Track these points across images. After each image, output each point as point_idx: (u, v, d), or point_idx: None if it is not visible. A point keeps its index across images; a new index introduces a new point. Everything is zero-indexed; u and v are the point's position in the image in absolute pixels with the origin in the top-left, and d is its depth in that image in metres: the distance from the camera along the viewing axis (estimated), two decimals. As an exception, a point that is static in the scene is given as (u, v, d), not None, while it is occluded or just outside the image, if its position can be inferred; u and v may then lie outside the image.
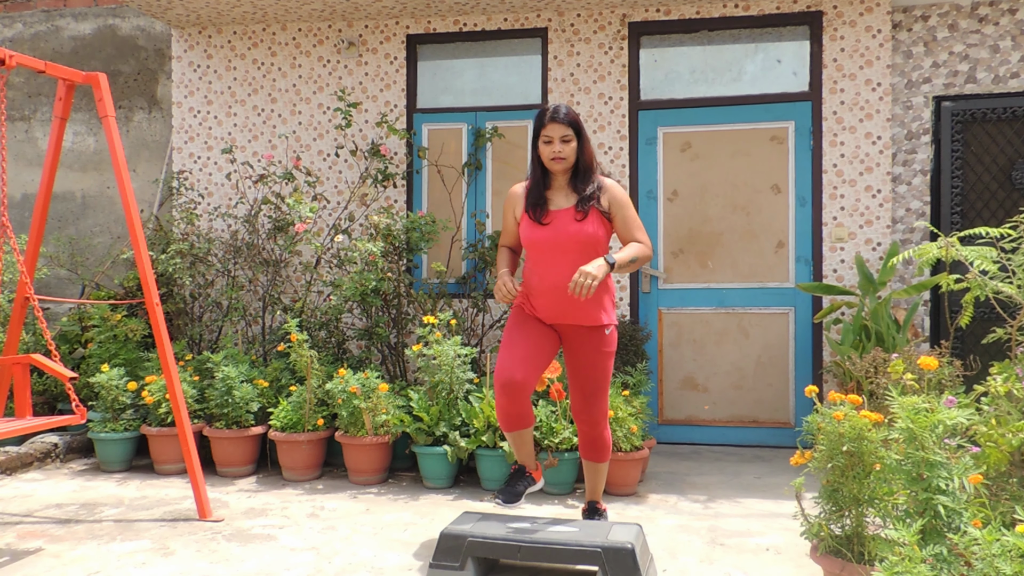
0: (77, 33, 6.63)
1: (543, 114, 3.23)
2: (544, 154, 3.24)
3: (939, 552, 2.01)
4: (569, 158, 3.22)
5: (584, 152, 3.25)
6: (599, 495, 3.50)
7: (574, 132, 3.21)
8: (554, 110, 3.20)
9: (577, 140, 3.22)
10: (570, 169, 3.27)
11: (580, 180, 3.26)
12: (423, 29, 5.78)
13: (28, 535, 3.54)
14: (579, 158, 3.25)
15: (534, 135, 3.27)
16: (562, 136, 3.19)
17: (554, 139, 3.20)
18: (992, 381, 2.60)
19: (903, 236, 5.35)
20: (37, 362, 3.46)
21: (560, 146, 3.20)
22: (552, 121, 3.19)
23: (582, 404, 3.31)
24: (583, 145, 3.24)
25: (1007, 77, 5.22)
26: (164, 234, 5.61)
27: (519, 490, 3.34)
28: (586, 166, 3.26)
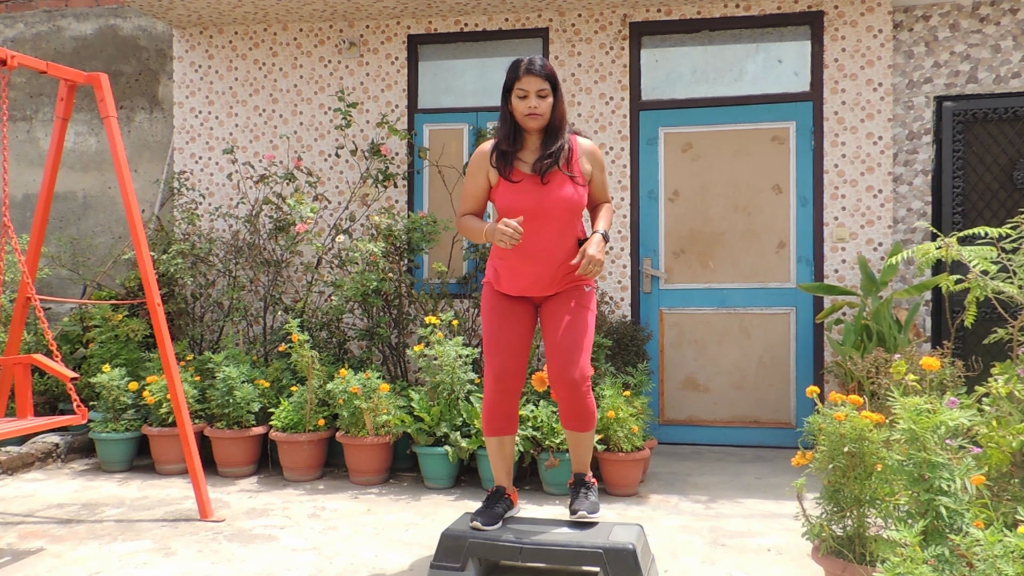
0: (79, 33, 6.63)
1: (517, 65, 2.98)
2: (518, 109, 2.99)
3: (941, 553, 2.01)
4: (545, 114, 2.99)
5: (558, 109, 3.02)
6: (587, 466, 3.20)
7: (551, 86, 2.98)
8: (529, 61, 2.97)
9: (553, 95, 2.99)
10: (543, 128, 3.05)
11: (551, 138, 3.03)
12: (424, 29, 5.78)
13: (29, 535, 3.54)
14: (552, 115, 3.02)
15: (505, 89, 3.02)
16: (538, 90, 2.96)
17: (530, 93, 2.96)
18: (993, 382, 2.60)
19: (904, 236, 5.34)
20: (38, 362, 3.46)
21: (536, 101, 2.96)
22: (528, 73, 2.95)
23: (560, 364, 3.01)
24: (558, 102, 3.01)
25: (1008, 77, 5.21)
26: (165, 234, 5.61)
27: (498, 512, 3.09)
28: (557, 124, 3.04)
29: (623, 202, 5.56)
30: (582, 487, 3.19)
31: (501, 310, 3.14)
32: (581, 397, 3.05)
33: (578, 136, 3.14)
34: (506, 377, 3.07)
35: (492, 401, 3.11)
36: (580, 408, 3.07)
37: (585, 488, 3.19)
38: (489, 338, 3.12)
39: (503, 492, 3.19)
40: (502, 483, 3.22)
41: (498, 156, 3.05)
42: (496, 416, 3.13)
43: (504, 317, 3.13)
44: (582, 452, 3.20)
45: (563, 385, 3.04)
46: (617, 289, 5.55)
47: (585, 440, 3.17)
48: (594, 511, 3.06)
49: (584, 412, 3.08)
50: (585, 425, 3.12)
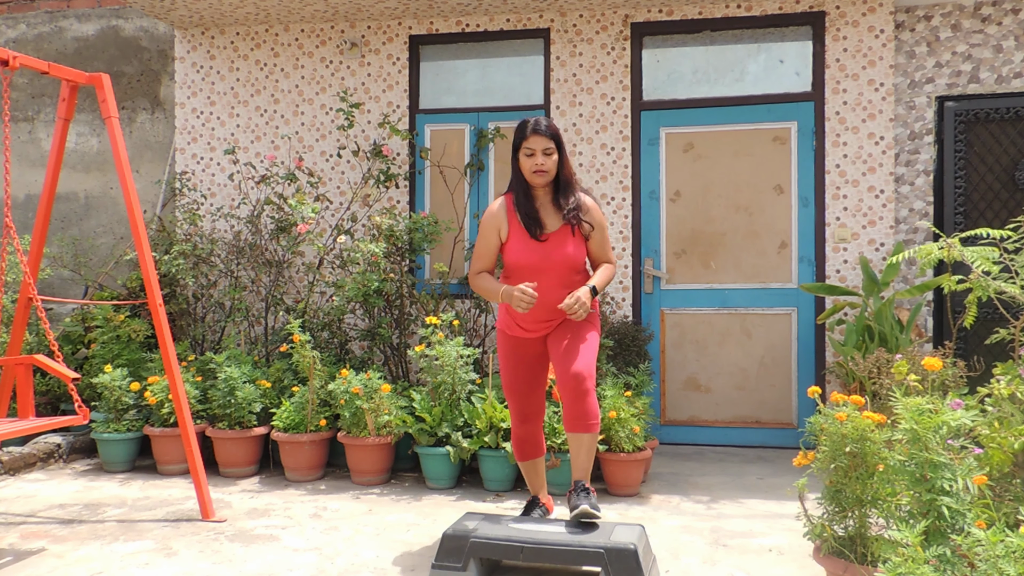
0: (80, 34, 6.64)
1: (524, 127, 3.23)
2: (525, 167, 3.23)
3: (943, 553, 2.01)
4: (551, 171, 3.23)
5: (564, 166, 3.26)
6: (587, 474, 3.18)
7: (555, 145, 3.22)
8: (535, 123, 3.21)
9: (558, 152, 3.23)
10: (551, 183, 3.28)
11: (563, 195, 3.27)
12: (426, 30, 5.79)
13: (31, 535, 3.54)
14: (560, 171, 3.26)
15: (514, 148, 3.27)
16: (544, 149, 3.20)
17: (536, 152, 3.20)
18: (995, 383, 2.59)
19: (906, 236, 5.34)
20: (40, 363, 3.46)
21: (542, 159, 3.20)
22: (534, 134, 3.20)
23: (565, 364, 3.16)
24: (563, 158, 3.25)
25: (1010, 77, 5.21)
26: (167, 235, 5.62)
27: (535, 518, 3.28)
28: (567, 180, 3.28)
29: (624, 202, 5.56)
30: (582, 491, 3.14)
31: (516, 355, 3.39)
32: (584, 394, 3.10)
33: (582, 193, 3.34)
34: (528, 418, 3.43)
35: (519, 436, 3.45)
36: (582, 406, 3.10)
37: (584, 492, 3.13)
38: (508, 383, 3.42)
39: (538, 501, 3.48)
40: (537, 492, 3.53)
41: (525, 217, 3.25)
42: (525, 448, 3.47)
43: (519, 361, 3.39)
44: (583, 458, 3.17)
45: (567, 380, 3.13)
46: (618, 289, 5.55)
47: (587, 444, 3.15)
48: (596, 508, 3.02)
49: (586, 411, 3.11)
50: (587, 426, 3.13)
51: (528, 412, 3.41)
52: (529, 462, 3.49)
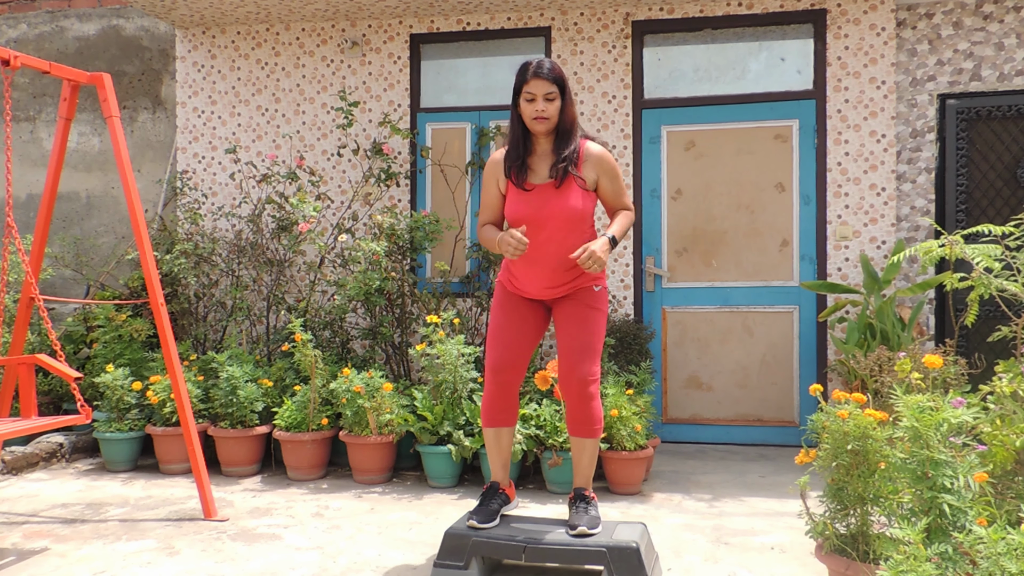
0: (81, 34, 6.64)
1: (525, 68, 2.99)
2: (526, 113, 3.00)
3: (944, 551, 2.01)
4: (553, 118, 3.00)
5: (566, 112, 3.02)
6: (589, 480, 3.11)
7: (559, 89, 2.99)
8: (537, 64, 2.97)
9: (561, 98, 3.00)
10: (553, 131, 3.05)
11: (561, 143, 3.04)
12: (426, 28, 5.79)
13: (34, 535, 3.55)
14: (561, 118, 3.03)
15: (514, 93, 3.03)
16: (546, 93, 2.97)
17: (537, 96, 2.97)
18: (997, 380, 2.59)
19: (908, 234, 5.34)
20: (42, 362, 3.47)
21: (543, 104, 2.97)
22: (536, 76, 2.96)
23: (570, 363, 3.02)
24: (566, 104, 3.02)
25: (1012, 75, 5.20)
26: (168, 234, 5.62)
27: (494, 508, 3.08)
28: (566, 127, 3.04)
29: (626, 201, 5.55)
30: (582, 501, 3.06)
31: (509, 306, 3.18)
32: (588, 399, 3.03)
33: (588, 141, 3.12)
34: (504, 369, 3.10)
35: (491, 393, 3.13)
36: (586, 411, 3.05)
37: (585, 503, 3.06)
38: (492, 331, 3.16)
39: (498, 487, 3.18)
40: (498, 478, 3.20)
41: (510, 166, 3.06)
42: (495, 408, 3.14)
43: (510, 313, 3.17)
44: (585, 464, 3.11)
45: (571, 384, 3.04)
46: (620, 288, 5.55)
47: (589, 449, 3.10)
48: (594, 527, 2.93)
49: (590, 416, 3.06)
50: (590, 431, 3.07)
51: (507, 361, 3.10)
52: (494, 431, 3.16)
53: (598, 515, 3.04)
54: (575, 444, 3.12)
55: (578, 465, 3.13)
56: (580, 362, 3.03)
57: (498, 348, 3.12)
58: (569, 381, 3.04)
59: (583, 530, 2.91)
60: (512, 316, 3.16)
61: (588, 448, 3.10)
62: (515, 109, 3.05)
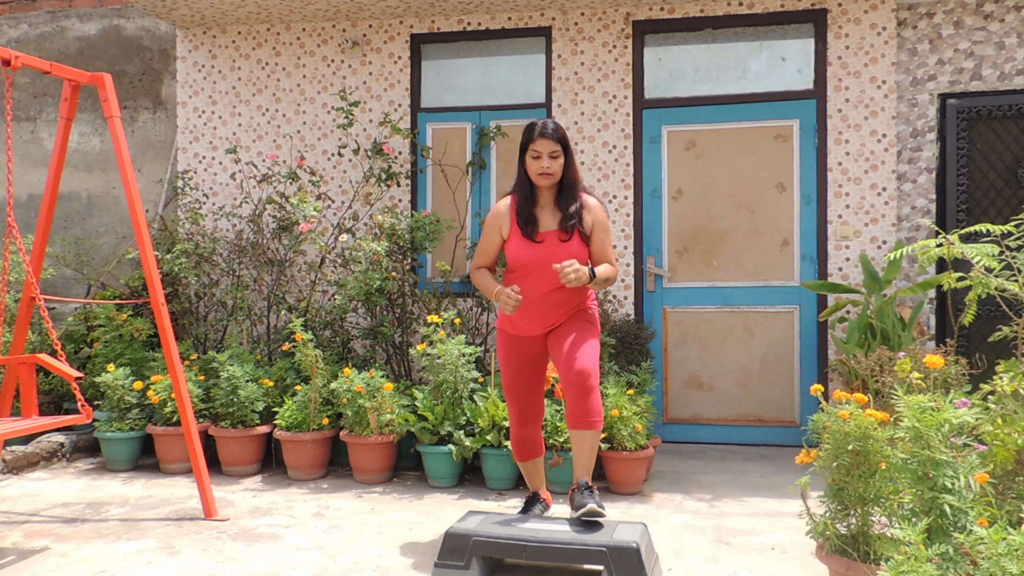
0: (82, 34, 6.64)
1: (532, 129, 3.26)
2: (532, 169, 3.28)
3: (945, 551, 2.01)
4: (556, 174, 3.27)
5: (570, 168, 3.30)
6: (589, 472, 3.17)
7: (562, 148, 3.25)
8: (543, 126, 3.24)
9: (564, 156, 3.27)
10: (556, 185, 3.32)
11: (565, 197, 3.31)
12: (427, 28, 5.79)
13: (35, 534, 3.55)
14: (565, 174, 3.30)
15: (521, 149, 3.31)
16: (550, 152, 3.24)
17: (542, 155, 3.24)
18: (998, 380, 2.59)
19: (908, 234, 5.33)
20: (43, 362, 3.47)
21: (548, 162, 3.24)
22: (541, 137, 3.23)
23: (570, 360, 3.17)
24: (569, 161, 3.29)
25: (1013, 74, 5.20)
26: (169, 234, 5.62)
27: (536, 513, 3.45)
28: (571, 183, 3.32)
29: (626, 201, 5.55)
30: (586, 489, 3.11)
31: (515, 354, 3.43)
32: (588, 390, 3.13)
33: (585, 194, 3.37)
34: (528, 420, 3.47)
35: (519, 437, 3.49)
36: (586, 403, 3.13)
37: (588, 491, 3.10)
38: (508, 384, 3.45)
39: (538, 497, 3.55)
40: (537, 489, 3.58)
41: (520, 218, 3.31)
42: (525, 448, 3.51)
43: (518, 361, 3.43)
44: (586, 455, 3.16)
45: (571, 377, 3.16)
46: (620, 288, 5.55)
47: (590, 441, 3.15)
48: (601, 506, 2.99)
49: (589, 408, 3.14)
50: (590, 423, 3.14)
51: (528, 413, 3.45)
52: (529, 462, 3.53)
53: (601, 501, 3.12)
54: (575, 437, 3.18)
55: (579, 457, 3.18)
56: (577, 357, 3.18)
57: (517, 401, 3.44)
58: (569, 375, 3.17)
59: (591, 507, 2.95)
60: (521, 364, 3.42)
61: (588, 440, 3.17)
62: (521, 165, 3.33)
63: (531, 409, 3.45)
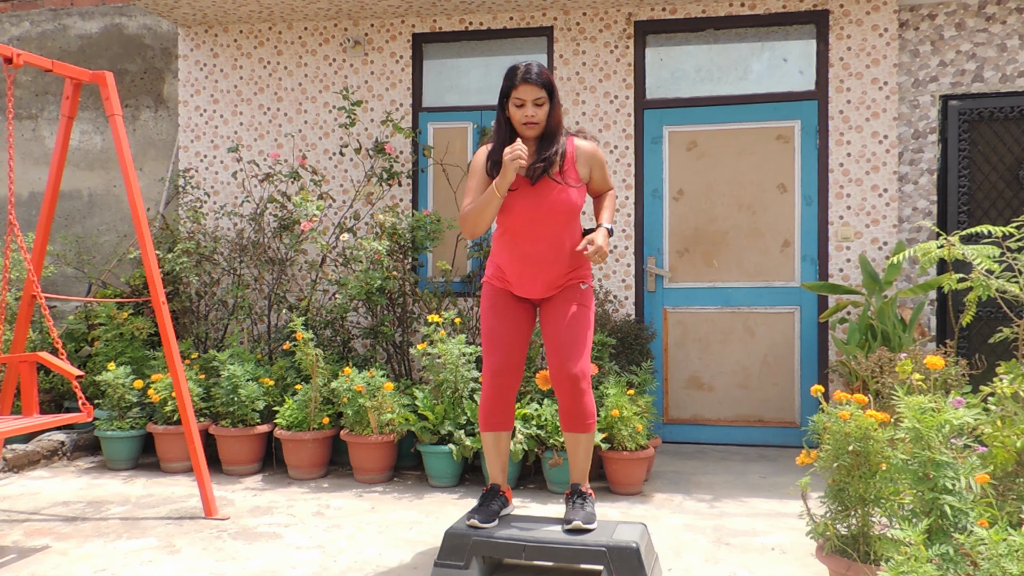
0: (84, 32, 6.65)
1: (513, 73, 2.98)
2: (515, 118, 3.02)
3: (945, 552, 2.01)
4: (542, 122, 3.02)
5: (553, 115, 3.03)
6: (585, 476, 3.14)
7: (547, 94, 2.99)
8: (526, 70, 2.97)
9: (550, 103, 3.01)
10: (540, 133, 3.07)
11: (545, 144, 3.05)
12: (429, 28, 5.79)
13: (35, 533, 3.55)
14: (548, 121, 3.04)
15: (502, 95, 3.04)
16: (535, 99, 2.98)
17: (526, 102, 2.98)
18: (998, 381, 2.59)
19: (909, 236, 5.33)
20: (44, 360, 3.47)
21: (532, 109, 2.99)
22: (524, 82, 2.96)
23: (560, 360, 3.03)
24: (554, 107, 3.03)
25: (1015, 76, 5.20)
26: (170, 233, 5.63)
27: (494, 509, 3.09)
28: (551, 130, 3.05)
29: (627, 201, 5.56)
30: (578, 497, 3.09)
31: (500, 307, 3.18)
32: (580, 394, 3.05)
33: (577, 137, 3.15)
34: (503, 372, 3.11)
35: (489, 396, 3.15)
36: (579, 407, 3.06)
37: (581, 498, 3.08)
38: (487, 335, 3.16)
39: (498, 489, 3.20)
40: (497, 480, 3.23)
41: (493, 164, 3.07)
42: (493, 411, 3.16)
43: (503, 314, 3.17)
44: (580, 458, 3.13)
45: (563, 381, 3.05)
46: (621, 288, 5.55)
47: (584, 444, 3.12)
48: (589, 522, 2.95)
49: (583, 411, 3.08)
50: (584, 426, 3.10)
51: (506, 364, 3.11)
52: (492, 435, 3.17)
53: (594, 512, 3.06)
54: (569, 440, 3.13)
55: (573, 460, 3.15)
56: (570, 358, 3.04)
57: (496, 352, 3.13)
58: (560, 377, 3.05)
59: (578, 524, 2.92)
60: (506, 318, 3.17)
61: (583, 443, 3.12)
62: (502, 112, 3.07)
63: (510, 360, 3.12)
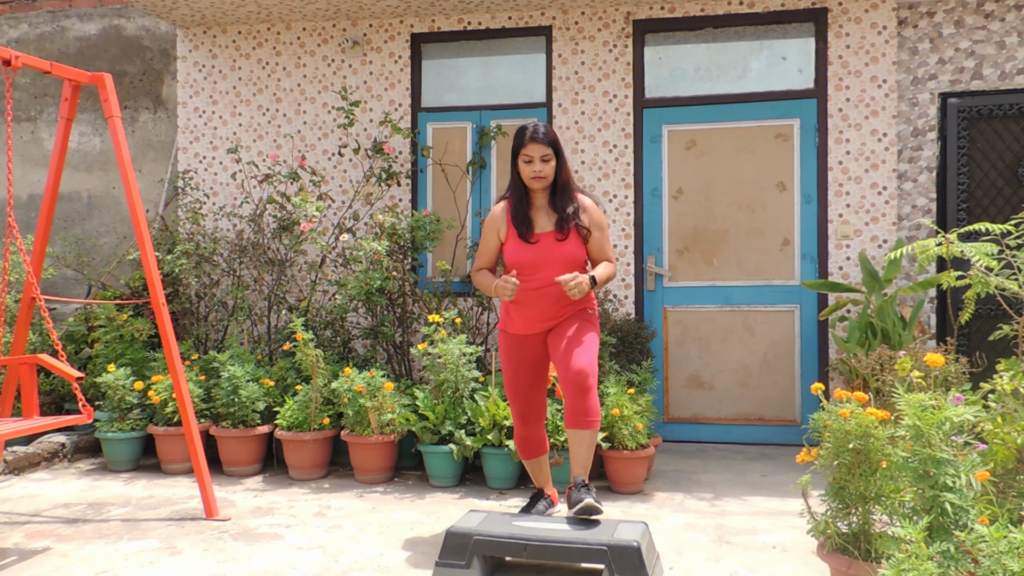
0: (82, 33, 6.65)
1: (522, 133, 3.31)
2: (524, 173, 3.33)
3: (946, 549, 2.01)
4: (549, 177, 3.32)
5: (562, 170, 3.35)
6: (587, 471, 3.21)
7: (553, 151, 3.30)
8: (533, 129, 3.29)
9: (556, 159, 3.31)
10: (549, 186, 3.37)
11: (559, 198, 3.35)
12: (427, 28, 5.79)
13: (36, 534, 3.55)
14: (557, 176, 3.34)
15: (513, 153, 3.35)
16: (542, 156, 3.28)
17: (534, 159, 3.29)
18: (999, 378, 2.59)
19: (909, 233, 5.33)
20: (44, 362, 3.47)
21: (540, 165, 3.29)
22: (532, 141, 3.28)
23: (568, 360, 3.22)
24: (561, 163, 3.33)
25: (1013, 73, 5.20)
26: (170, 234, 5.62)
27: (540, 510, 3.48)
28: (564, 184, 3.36)
29: (627, 200, 5.56)
30: (583, 486, 3.14)
31: (517, 355, 3.47)
32: (586, 390, 3.18)
33: (580, 194, 3.42)
34: (530, 418, 3.50)
35: (523, 436, 3.52)
36: (584, 403, 3.18)
37: (586, 487, 3.13)
38: (509, 383, 3.49)
39: (543, 493, 3.58)
40: (543, 487, 3.62)
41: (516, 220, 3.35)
42: (529, 447, 3.54)
43: (520, 361, 3.47)
44: (583, 455, 3.20)
45: (569, 377, 3.20)
46: (621, 287, 5.55)
47: (587, 440, 3.20)
48: (599, 503, 3.02)
49: (588, 407, 3.19)
50: (588, 422, 3.20)
51: (529, 413, 3.49)
52: (533, 460, 3.57)
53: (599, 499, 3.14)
54: (573, 436, 3.23)
55: (576, 456, 3.23)
56: (577, 357, 3.23)
57: (518, 401, 3.47)
58: (568, 374, 3.21)
59: (588, 503, 2.99)
60: (522, 364, 3.46)
61: (586, 440, 3.22)
62: (514, 168, 3.38)
63: (532, 408, 3.49)
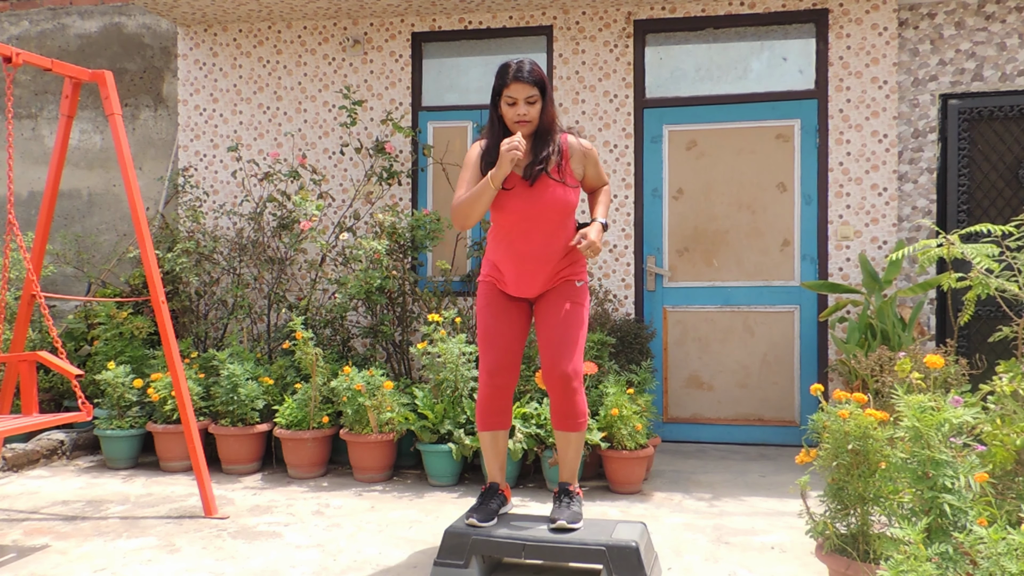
0: (83, 31, 6.65)
1: (505, 72, 2.95)
2: (507, 116, 2.99)
3: (944, 551, 2.01)
4: (534, 121, 2.99)
5: (546, 112, 2.99)
6: (574, 475, 3.13)
7: (539, 92, 2.96)
8: (517, 68, 2.93)
9: (542, 100, 2.97)
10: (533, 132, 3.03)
11: (539, 143, 3.02)
12: (428, 27, 5.79)
13: (35, 532, 3.55)
14: (541, 119, 3.00)
15: (494, 94, 3.00)
16: (527, 97, 2.94)
17: (518, 100, 2.94)
18: (998, 380, 2.59)
19: (909, 234, 5.33)
20: (43, 359, 3.47)
21: (525, 108, 2.95)
22: (516, 80, 2.92)
23: (553, 359, 3.01)
24: (547, 105, 2.99)
25: (1014, 75, 5.20)
26: (170, 232, 5.63)
27: (493, 508, 3.08)
28: (545, 127, 3.02)
29: (627, 200, 5.56)
30: (565, 496, 3.08)
31: (496, 306, 3.16)
32: (572, 393, 3.03)
33: (571, 136, 3.11)
34: (500, 372, 3.10)
35: (486, 396, 3.13)
36: (570, 405, 3.05)
37: (568, 497, 3.07)
38: (483, 334, 3.14)
39: (497, 488, 3.18)
40: (495, 479, 3.22)
41: (487, 164, 3.03)
42: (490, 411, 3.14)
43: (498, 313, 3.15)
44: (571, 457, 3.13)
45: (555, 379, 3.03)
46: (621, 287, 5.55)
47: (575, 443, 3.11)
48: (575, 521, 2.95)
49: (574, 410, 3.06)
50: (575, 424, 3.08)
51: (503, 363, 3.10)
52: (491, 434, 3.17)
53: (580, 511, 3.05)
54: (560, 439, 3.12)
55: (563, 459, 3.15)
56: (562, 356, 3.02)
57: (492, 351, 3.11)
58: (552, 376, 3.03)
59: (562, 523, 2.92)
60: (501, 317, 3.15)
61: (573, 442, 3.11)
62: (495, 110, 3.03)
63: (506, 359, 3.10)
